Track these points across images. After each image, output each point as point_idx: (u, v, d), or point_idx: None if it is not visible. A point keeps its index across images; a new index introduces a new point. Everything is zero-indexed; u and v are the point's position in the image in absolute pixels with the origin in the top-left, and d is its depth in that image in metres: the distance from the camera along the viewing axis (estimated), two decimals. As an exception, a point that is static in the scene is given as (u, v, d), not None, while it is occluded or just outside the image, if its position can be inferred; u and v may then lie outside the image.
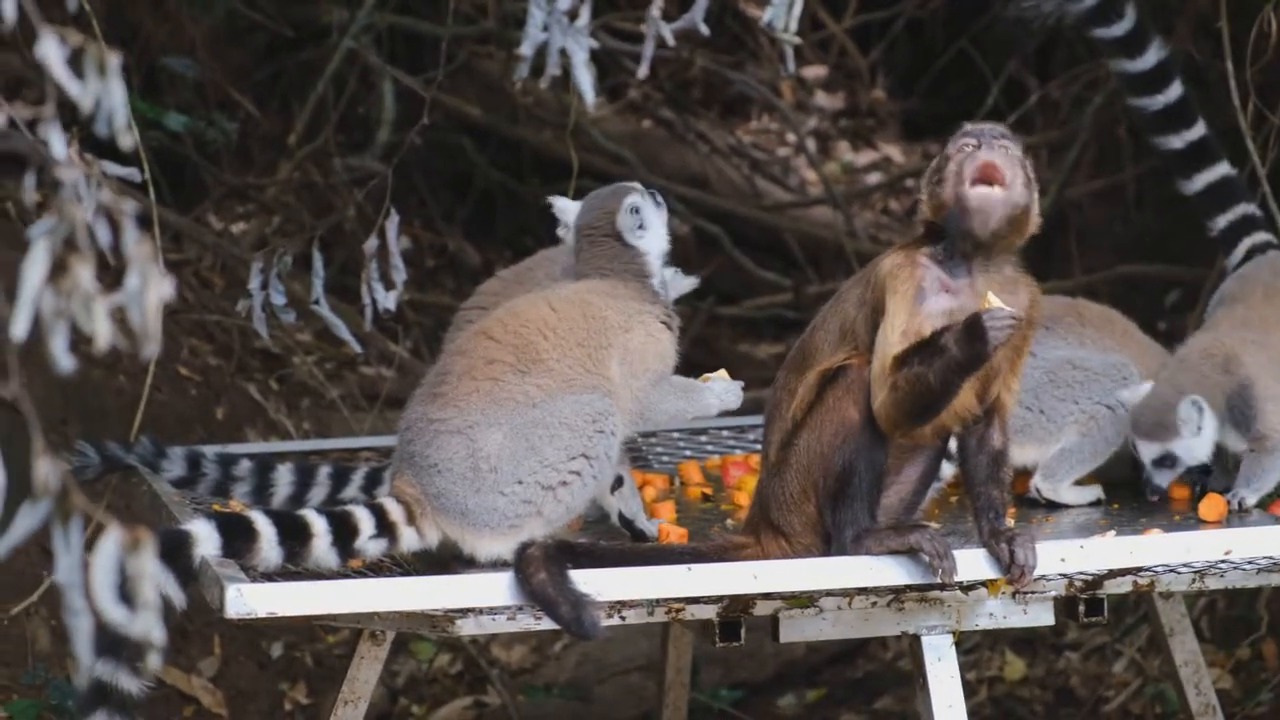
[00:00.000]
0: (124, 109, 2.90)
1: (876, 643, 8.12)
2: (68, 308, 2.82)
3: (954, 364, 4.32)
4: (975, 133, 4.49)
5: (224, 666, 7.32)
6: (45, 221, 2.84)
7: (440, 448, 4.66)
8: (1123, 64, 5.67)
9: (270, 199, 9.24)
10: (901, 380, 4.36)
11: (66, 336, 2.83)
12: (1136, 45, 5.64)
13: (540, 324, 4.78)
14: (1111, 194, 9.61)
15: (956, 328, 4.33)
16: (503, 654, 8.09)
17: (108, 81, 2.88)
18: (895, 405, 4.41)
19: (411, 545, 4.66)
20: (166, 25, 8.99)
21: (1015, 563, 4.39)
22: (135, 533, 2.79)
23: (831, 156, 12.48)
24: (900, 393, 4.38)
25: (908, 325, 4.40)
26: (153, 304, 2.83)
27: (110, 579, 2.80)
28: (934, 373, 4.33)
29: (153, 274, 2.81)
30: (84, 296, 2.81)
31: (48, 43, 2.84)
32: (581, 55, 4.07)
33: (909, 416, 4.44)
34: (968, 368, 4.35)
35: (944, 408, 4.43)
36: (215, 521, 4.40)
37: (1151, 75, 5.70)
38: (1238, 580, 4.86)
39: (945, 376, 4.34)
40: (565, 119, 9.34)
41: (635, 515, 5.01)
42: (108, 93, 2.88)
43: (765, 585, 4.40)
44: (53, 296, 2.82)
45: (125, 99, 2.91)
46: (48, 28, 2.83)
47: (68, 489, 2.81)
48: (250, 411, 8.21)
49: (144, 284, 2.83)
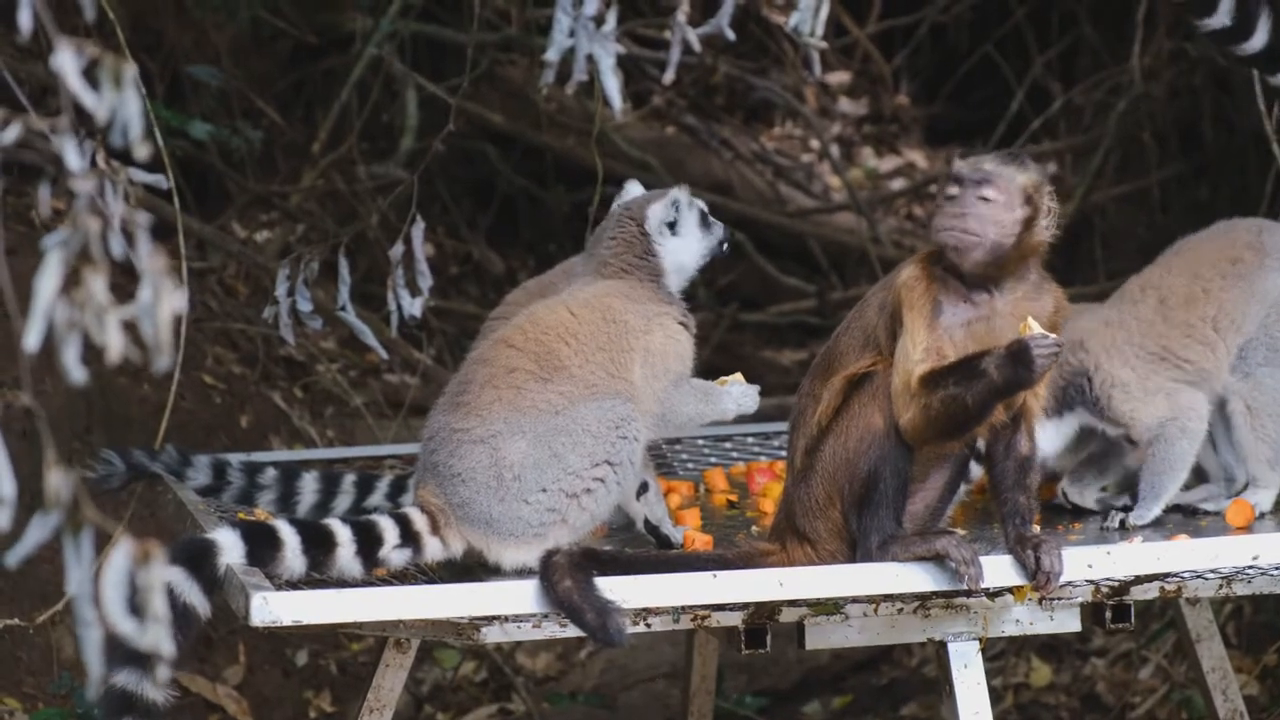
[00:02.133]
0: (139, 119, 2.89)
1: (902, 649, 8.10)
2: (81, 319, 2.81)
3: (993, 388, 4.33)
4: (959, 175, 4.48)
5: (249, 674, 7.32)
6: (59, 233, 2.84)
7: (463, 457, 4.66)
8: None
9: (294, 207, 9.25)
10: (935, 401, 4.36)
11: (79, 348, 2.83)
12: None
13: (561, 330, 4.77)
14: (1136, 198, 9.60)
15: (999, 352, 4.32)
16: (528, 661, 8.09)
17: (123, 92, 2.88)
18: (927, 424, 4.40)
19: (436, 555, 4.66)
20: (191, 33, 9.01)
21: (1041, 569, 4.38)
22: (145, 545, 2.79)
23: (855, 162, 12.47)
24: (933, 412, 4.37)
25: (929, 342, 4.39)
26: (165, 316, 2.82)
27: (120, 591, 2.80)
28: (971, 395, 4.33)
29: (166, 286, 2.81)
30: (97, 308, 2.81)
31: (63, 54, 2.84)
32: (608, 61, 4.06)
33: (940, 435, 4.44)
34: (1007, 392, 4.36)
35: (977, 427, 4.44)
36: (240, 530, 4.40)
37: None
38: (1265, 586, 4.84)
39: (983, 399, 4.34)
40: (589, 125, 9.36)
41: (661, 521, 5.00)
42: (123, 103, 2.88)
43: (791, 592, 4.39)
44: (66, 307, 2.81)
45: (141, 109, 2.90)
46: (64, 39, 2.82)
47: (79, 500, 2.80)
48: (274, 419, 8.22)
49: (157, 296, 2.83)
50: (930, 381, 4.37)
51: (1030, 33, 11.48)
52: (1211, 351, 5.16)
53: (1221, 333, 5.17)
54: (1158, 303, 5.20)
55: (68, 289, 2.82)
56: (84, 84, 2.85)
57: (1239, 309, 5.17)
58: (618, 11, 4.07)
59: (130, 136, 2.89)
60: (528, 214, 10.84)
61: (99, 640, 2.84)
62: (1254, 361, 5.17)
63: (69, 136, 2.90)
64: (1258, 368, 5.17)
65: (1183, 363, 5.14)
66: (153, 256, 2.82)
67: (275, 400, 8.34)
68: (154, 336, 2.83)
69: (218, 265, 8.78)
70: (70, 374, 2.82)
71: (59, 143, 2.91)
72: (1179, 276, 5.24)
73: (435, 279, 6.10)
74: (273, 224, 9.32)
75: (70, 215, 2.82)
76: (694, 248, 5.04)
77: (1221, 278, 5.20)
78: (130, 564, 2.78)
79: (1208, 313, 5.17)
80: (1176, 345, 5.15)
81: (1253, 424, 5.15)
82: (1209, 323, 5.17)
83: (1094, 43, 10.73)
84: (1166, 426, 5.11)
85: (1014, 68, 11.41)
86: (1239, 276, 5.20)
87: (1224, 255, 5.24)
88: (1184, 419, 5.12)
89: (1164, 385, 5.11)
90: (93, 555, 2.86)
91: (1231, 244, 5.26)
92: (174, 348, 2.84)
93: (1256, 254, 5.22)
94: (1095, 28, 10.75)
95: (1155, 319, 5.17)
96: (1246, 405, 5.16)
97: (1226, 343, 5.17)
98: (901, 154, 12.65)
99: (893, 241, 10.89)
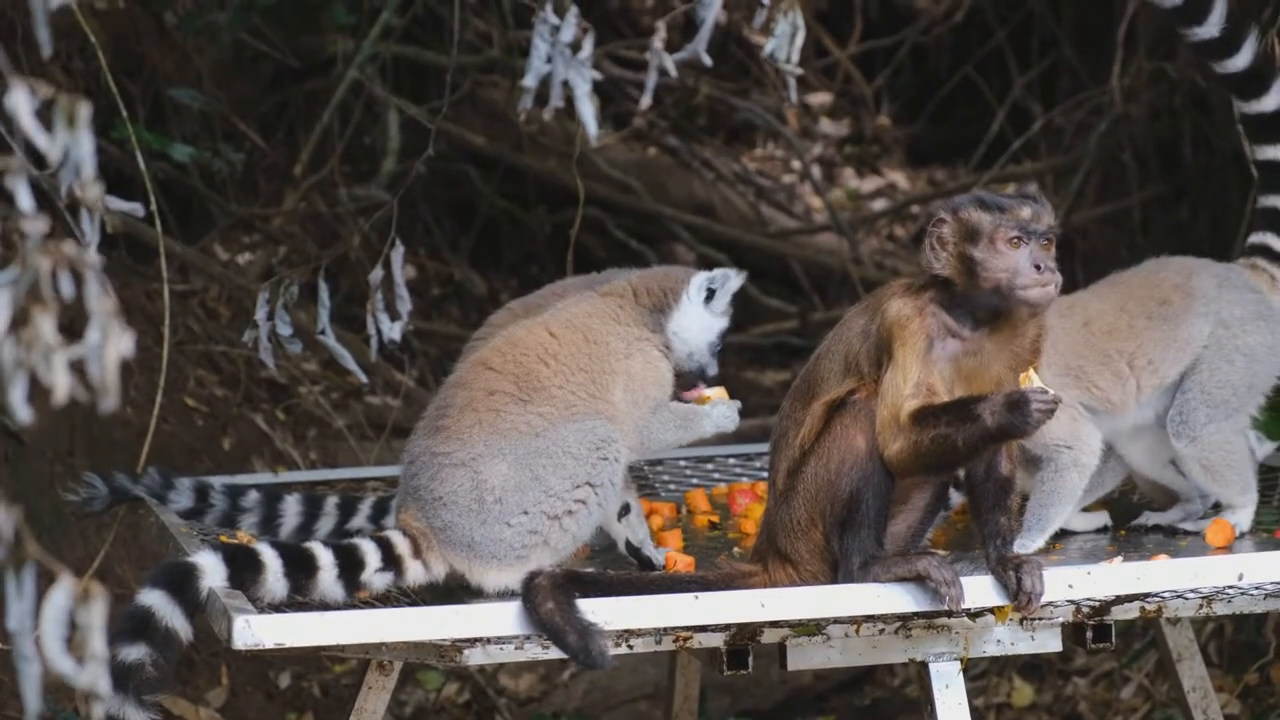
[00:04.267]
0: (92, 160, 2.89)
1: (884, 670, 8.11)
2: (28, 358, 2.81)
3: (986, 434, 4.32)
4: (1022, 225, 4.43)
5: (232, 697, 7.32)
6: (8, 272, 2.83)
7: (444, 481, 4.66)
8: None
9: (276, 229, 9.26)
10: (926, 440, 4.35)
11: (26, 387, 2.83)
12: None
13: (540, 350, 4.78)
14: (1117, 219, 9.63)
15: (996, 400, 4.32)
16: (511, 683, 8.09)
17: (77, 133, 2.87)
18: (915, 459, 4.40)
19: (418, 578, 4.66)
20: (172, 56, 9.01)
21: (1023, 589, 4.38)
22: (85, 584, 2.79)
23: (837, 183, 12.50)
24: (923, 450, 4.37)
25: (920, 378, 4.39)
26: (112, 358, 2.82)
27: (59, 629, 2.80)
28: (962, 437, 4.33)
29: (114, 328, 2.81)
30: (45, 348, 2.80)
31: (18, 94, 2.84)
32: (584, 87, 4.08)
33: (927, 470, 4.45)
34: (999, 439, 4.36)
35: (963, 467, 4.46)
36: (221, 553, 4.41)
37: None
38: (1245, 605, 4.85)
39: (974, 443, 4.34)
40: (570, 147, 9.38)
41: (642, 543, 5.01)
42: (76, 143, 2.88)
43: (773, 613, 4.39)
44: (14, 347, 2.81)
45: (93, 150, 2.89)
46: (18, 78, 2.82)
47: (21, 536, 2.80)
48: (257, 442, 8.22)
49: (105, 338, 2.82)
50: (921, 419, 4.37)
51: (1011, 54, 11.53)
52: (1121, 386, 5.13)
53: (1135, 371, 5.13)
54: (1082, 324, 5.17)
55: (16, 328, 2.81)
56: (37, 124, 2.84)
57: (1158, 351, 5.13)
58: (597, 35, 4.09)
59: (83, 176, 2.89)
60: (510, 235, 10.86)
61: (38, 676, 2.84)
62: (1197, 424, 5.13)
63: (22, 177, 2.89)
64: (1202, 428, 5.12)
65: (1092, 387, 5.13)
66: (102, 298, 2.82)
67: (258, 422, 8.34)
68: (100, 378, 2.82)
69: (200, 288, 8.78)
70: (17, 414, 2.82)
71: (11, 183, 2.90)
72: (1107, 304, 5.21)
73: (417, 301, 6.12)
74: (255, 246, 9.32)
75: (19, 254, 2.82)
76: (706, 325, 5.08)
77: (1146, 317, 5.17)
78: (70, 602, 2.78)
79: (1126, 347, 5.14)
80: (1091, 369, 5.12)
81: (1212, 477, 5.14)
82: (1125, 357, 5.13)
83: (1074, 64, 10.77)
84: (1061, 454, 5.08)
85: (995, 89, 11.46)
86: (1163, 319, 5.16)
87: (1152, 295, 5.21)
88: (1079, 451, 5.09)
89: (1071, 406, 5.09)
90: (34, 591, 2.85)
91: (1160, 284, 5.22)
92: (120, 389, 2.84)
93: (1184, 298, 5.17)
94: (1075, 49, 10.79)
95: (1076, 338, 5.15)
96: (1202, 465, 5.14)
97: (1140, 382, 5.13)
98: (883, 175, 12.68)
99: (874, 262, 10.91)
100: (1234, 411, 5.14)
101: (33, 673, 2.83)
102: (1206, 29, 5.25)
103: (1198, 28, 5.25)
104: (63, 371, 2.81)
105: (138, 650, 4.22)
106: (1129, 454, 5.30)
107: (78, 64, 8.04)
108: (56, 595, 2.80)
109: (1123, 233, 9.54)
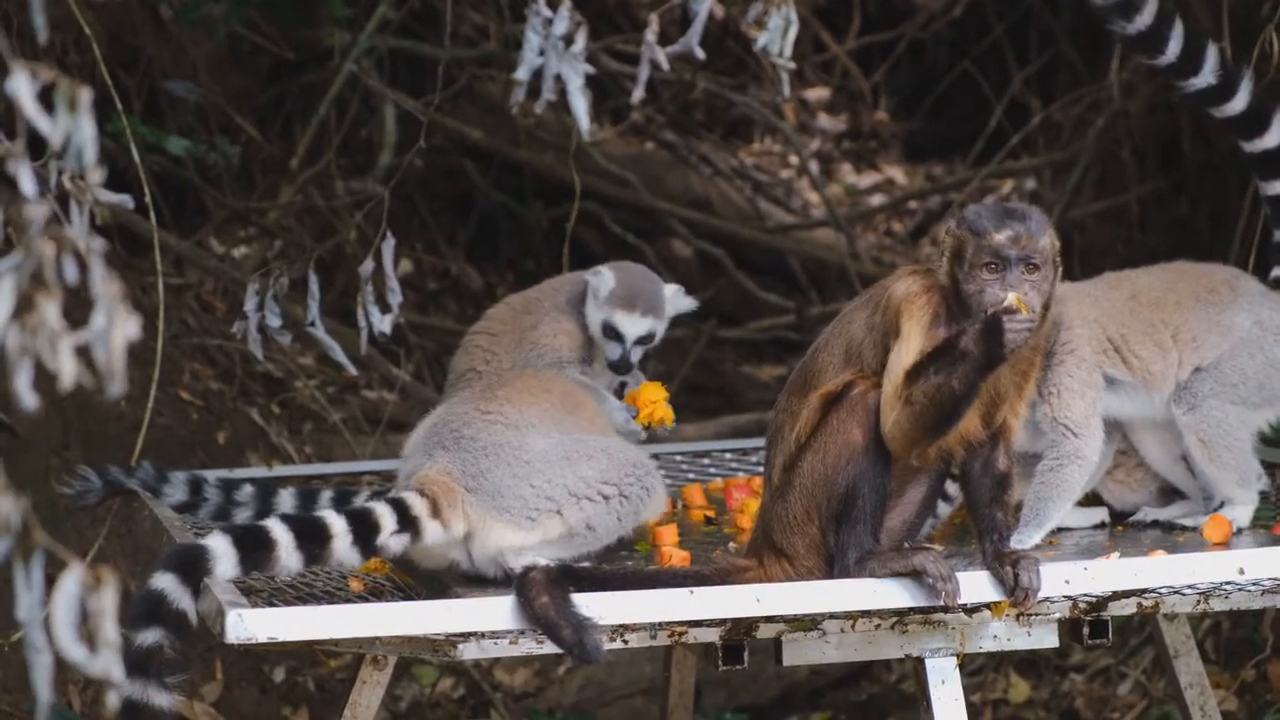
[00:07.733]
0: (94, 145, 2.88)
1: (880, 665, 8.10)
2: (33, 345, 2.79)
3: (973, 365, 4.30)
4: (1005, 255, 4.39)
5: (226, 691, 7.31)
6: (12, 257, 2.82)
7: (491, 433, 4.79)
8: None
9: (272, 223, 9.24)
10: (918, 393, 4.34)
11: (31, 374, 2.81)
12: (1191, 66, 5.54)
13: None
14: (1115, 214, 9.62)
15: (974, 330, 4.31)
16: (506, 678, 8.08)
17: (78, 117, 2.86)
18: (912, 419, 4.38)
19: (436, 539, 4.67)
20: (168, 49, 8.99)
21: (1019, 585, 4.37)
22: (97, 572, 2.77)
23: (834, 178, 12.49)
24: (917, 406, 4.35)
25: (923, 349, 4.38)
26: (119, 343, 2.80)
27: (70, 617, 2.78)
28: (955, 378, 4.32)
29: (119, 313, 2.79)
30: (50, 334, 2.79)
31: (19, 78, 2.82)
32: (577, 81, 4.07)
33: (926, 430, 4.40)
34: (987, 368, 4.33)
35: (963, 414, 4.39)
36: (231, 535, 4.38)
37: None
38: (1242, 602, 4.84)
39: (966, 380, 4.31)
40: (567, 141, 9.36)
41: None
42: (78, 128, 2.86)
43: (768, 608, 4.38)
44: (18, 333, 2.79)
45: (95, 135, 2.88)
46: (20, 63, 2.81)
47: (29, 526, 2.78)
48: (252, 436, 8.21)
49: (110, 322, 2.81)
50: (912, 375, 4.36)
51: (1009, 49, 11.52)
52: (1163, 358, 5.16)
53: (1179, 345, 5.17)
54: (1130, 296, 5.22)
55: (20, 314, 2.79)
56: (39, 109, 2.83)
57: (1201, 329, 5.17)
58: (592, 29, 4.08)
59: (84, 162, 2.87)
60: (507, 230, 10.84)
61: (49, 666, 2.82)
62: (1201, 393, 5.15)
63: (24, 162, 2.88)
64: (1205, 399, 5.15)
65: (1133, 358, 5.14)
66: (107, 282, 2.80)
67: (253, 416, 8.32)
68: (107, 363, 2.80)
69: (195, 281, 8.76)
70: (22, 400, 2.80)
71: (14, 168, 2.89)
72: (1157, 281, 5.27)
73: (413, 295, 6.11)
74: (250, 240, 9.31)
75: (24, 240, 2.80)
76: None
77: (1194, 298, 5.22)
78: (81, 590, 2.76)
79: (1172, 319, 5.19)
80: (1134, 339, 5.16)
81: (1209, 456, 5.14)
82: (1170, 329, 5.18)
83: (1072, 59, 10.76)
84: (1066, 441, 5.08)
85: (993, 84, 11.44)
86: (1209, 303, 5.22)
87: (1201, 282, 5.28)
88: (1083, 441, 5.08)
89: (1093, 391, 5.10)
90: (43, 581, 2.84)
91: (1211, 275, 5.32)
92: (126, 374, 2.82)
93: (1231, 291, 5.26)
94: (1074, 44, 10.78)
95: (1121, 309, 5.19)
96: (1199, 439, 5.14)
97: (1181, 356, 5.17)
98: (880, 170, 12.67)
99: (871, 257, 10.90)
100: (1240, 399, 5.15)
101: (43, 663, 2.81)
102: (1203, 78, 5.32)
103: (1194, 78, 5.31)
104: (68, 357, 2.79)
105: (154, 634, 4.21)
106: (1143, 446, 5.30)
107: (73, 56, 8.03)
108: (67, 583, 2.78)
109: (1121, 228, 9.53)
